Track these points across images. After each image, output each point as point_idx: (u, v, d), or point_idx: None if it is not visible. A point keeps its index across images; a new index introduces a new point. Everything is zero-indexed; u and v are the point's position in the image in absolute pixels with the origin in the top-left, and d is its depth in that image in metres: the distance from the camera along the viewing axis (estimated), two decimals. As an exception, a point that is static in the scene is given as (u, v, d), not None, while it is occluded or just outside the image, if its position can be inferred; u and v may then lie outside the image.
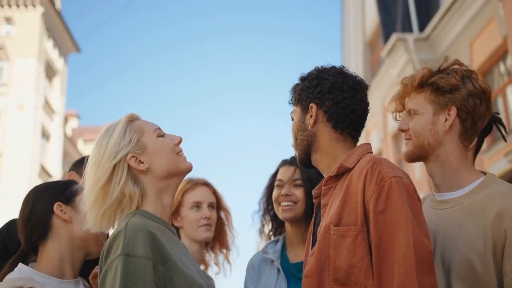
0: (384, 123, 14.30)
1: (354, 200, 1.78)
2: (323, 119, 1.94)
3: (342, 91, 1.94)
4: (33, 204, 2.02)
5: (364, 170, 1.79)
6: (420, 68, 2.08)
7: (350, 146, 1.96)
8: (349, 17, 18.55)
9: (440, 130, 1.99)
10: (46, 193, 2.04)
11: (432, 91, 2.01)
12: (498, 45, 9.50)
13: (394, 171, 1.78)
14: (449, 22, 10.81)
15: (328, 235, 1.79)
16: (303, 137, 1.97)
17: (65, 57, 28.38)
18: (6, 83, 24.12)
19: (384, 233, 1.70)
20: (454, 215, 1.92)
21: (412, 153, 2.04)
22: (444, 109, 1.99)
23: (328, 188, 1.91)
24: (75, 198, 2.04)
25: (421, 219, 1.74)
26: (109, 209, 1.82)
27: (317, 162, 1.98)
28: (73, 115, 37.77)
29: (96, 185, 1.82)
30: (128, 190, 1.82)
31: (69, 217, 2.00)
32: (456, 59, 2.10)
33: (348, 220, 1.77)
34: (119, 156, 1.84)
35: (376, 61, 15.89)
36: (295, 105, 2.04)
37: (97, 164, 1.85)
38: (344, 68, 2.02)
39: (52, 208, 2.00)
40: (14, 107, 23.80)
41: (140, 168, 1.86)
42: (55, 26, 26.36)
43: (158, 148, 1.89)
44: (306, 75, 2.03)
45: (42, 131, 25.25)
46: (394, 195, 1.72)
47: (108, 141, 1.87)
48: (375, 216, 1.72)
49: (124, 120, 1.92)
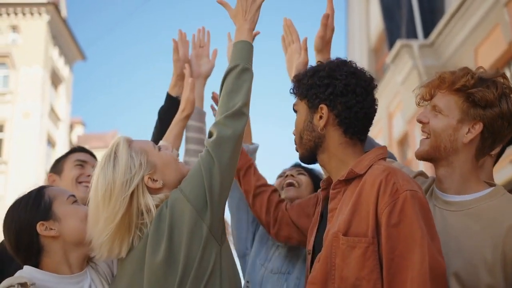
0: (389, 130, 14.27)
1: (366, 209, 1.73)
2: (334, 123, 1.88)
3: (355, 94, 1.86)
4: (17, 234, 1.97)
5: (378, 180, 1.74)
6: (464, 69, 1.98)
7: (359, 150, 1.91)
8: (354, 23, 18.54)
9: (460, 139, 1.93)
10: (24, 217, 1.97)
11: (465, 100, 1.93)
12: (504, 51, 9.47)
13: (410, 184, 1.73)
14: (454, 28, 10.79)
15: (336, 244, 1.75)
16: (310, 137, 1.91)
17: (70, 64, 28.47)
18: (12, 90, 24.20)
19: (397, 247, 1.67)
20: (461, 218, 1.89)
21: (426, 153, 1.99)
22: (470, 121, 1.92)
23: (337, 192, 1.86)
24: (52, 207, 1.98)
25: (435, 235, 1.71)
26: (136, 233, 1.84)
27: (324, 162, 1.93)
28: (78, 123, 37.84)
29: (115, 216, 1.81)
30: (152, 208, 1.84)
31: (56, 232, 1.96)
32: (504, 72, 2.02)
33: (358, 229, 1.72)
34: (135, 182, 1.84)
35: (381, 67, 15.87)
36: (300, 99, 1.95)
37: (109, 196, 1.82)
38: (355, 64, 1.94)
39: (36, 231, 1.95)
40: (19, 115, 23.87)
41: (157, 187, 1.88)
42: (61, 34, 26.46)
43: (166, 163, 1.92)
44: (315, 70, 1.93)
45: (48, 139, 25.29)
46: (408, 209, 1.68)
47: (114, 170, 1.84)
48: (388, 229, 1.68)
49: (124, 145, 1.90)
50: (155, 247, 1.81)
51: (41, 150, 24.22)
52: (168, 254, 1.79)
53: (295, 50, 2.42)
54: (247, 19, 2.09)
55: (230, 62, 2.02)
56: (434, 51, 11.59)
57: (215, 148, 1.86)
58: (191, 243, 1.80)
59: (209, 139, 1.89)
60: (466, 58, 10.37)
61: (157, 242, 1.81)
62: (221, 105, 1.94)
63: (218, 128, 1.88)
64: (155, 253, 1.80)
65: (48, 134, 25.16)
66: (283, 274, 2.38)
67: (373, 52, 17.28)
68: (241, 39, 2.05)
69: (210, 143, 1.87)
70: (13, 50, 24.46)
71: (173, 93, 2.58)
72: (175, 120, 2.39)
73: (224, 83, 1.98)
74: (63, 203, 2.01)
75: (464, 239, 1.85)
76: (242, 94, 1.94)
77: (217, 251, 1.83)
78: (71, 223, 1.97)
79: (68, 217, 1.98)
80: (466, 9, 10.22)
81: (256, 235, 2.55)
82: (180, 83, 2.57)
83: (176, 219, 1.81)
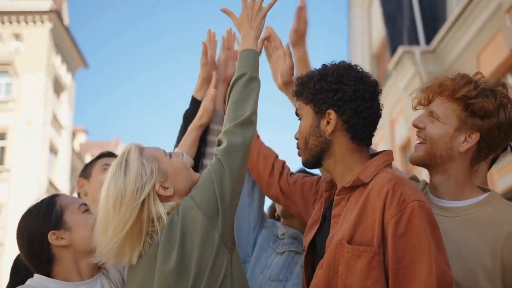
0: (391, 136, 14.27)
1: (371, 218, 1.72)
2: (342, 128, 1.86)
3: (363, 100, 1.85)
4: (29, 243, 1.98)
5: (385, 189, 1.72)
6: (465, 77, 1.96)
7: (365, 156, 1.90)
8: (356, 30, 18.58)
9: (456, 147, 1.92)
10: (36, 226, 1.98)
11: (464, 109, 1.91)
12: (506, 57, 9.48)
13: (417, 194, 1.73)
14: (456, 35, 10.80)
15: (340, 251, 1.74)
16: (317, 143, 1.89)
17: (73, 72, 28.55)
18: (15, 98, 24.27)
19: (404, 257, 1.66)
20: (458, 224, 1.88)
21: (420, 159, 1.98)
22: (467, 130, 1.91)
23: (341, 198, 1.84)
24: (63, 216, 1.99)
25: (442, 246, 1.70)
26: (146, 240, 1.83)
27: (329, 167, 1.92)
28: (81, 130, 37.92)
29: (124, 225, 1.81)
30: (163, 215, 1.84)
31: (66, 241, 1.97)
32: (504, 81, 2.01)
33: (362, 238, 1.72)
34: (146, 189, 1.83)
35: (383, 74, 15.88)
36: (306, 104, 1.93)
37: (119, 204, 1.81)
38: (361, 69, 1.92)
39: (48, 240, 1.96)
40: (22, 122, 23.93)
41: (168, 194, 1.87)
42: (63, 42, 26.56)
43: (178, 170, 1.92)
44: (322, 74, 1.90)
45: (50, 146, 25.33)
46: (416, 219, 1.67)
47: (125, 178, 1.84)
48: (395, 239, 1.67)
49: (136, 152, 1.89)
50: (166, 254, 1.80)
51: (44, 158, 24.25)
52: (180, 262, 1.78)
53: (279, 57, 2.43)
54: (253, 27, 2.09)
55: (237, 70, 2.04)
56: (436, 57, 11.60)
57: (226, 156, 1.87)
58: (203, 250, 1.79)
59: (219, 147, 1.90)
60: (468, 64, 10.37)
61: (169, 249, 1.80)
62: (230, 114, 1.95)
63: (227, 136, 1.90)
64: (166, 261, 1.79)
65: (50, 142, 25.19)
66: (280, 281, 2.37)
67: (375, 59, 17.30)
68: (247, 47, 2.06)
69: (220, 151, 1.88)
70: (15, 58, 24.55)
71: (198, 97, 2.55)
72: (190, 127, 2.38)
73: (231, 91, 2.00)
74: (74, 212, 2.01)
75: (462, 245, 1.84)
76: (250, 103, 1.95)
77: (228, 258, 1.83)
78: (82, 232, 1.97)
79: (78, 226, 1.98)
80: (468, 16, 10.24)
81: (256, 242, 2.55)
82: (205, 86, 2.54)
83: (188, 226, 1.81)
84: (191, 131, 2.36)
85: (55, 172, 26.15)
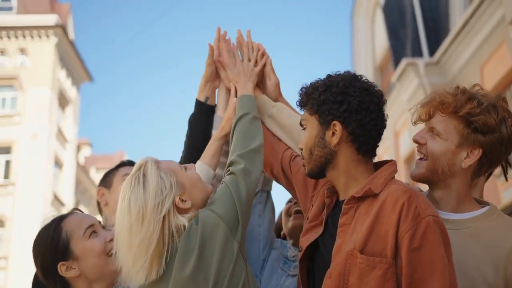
0: (396, 148, 14.25)
1: (385, 229, 1.72)
2: (347, 140, 1.86)
3: (369, 111, 1.85)
4: (42, 270, 2.02)
5: (400, 202, 1.73)
6: (467, 93, 1.95)
7: (370, 167, 1.90)
8: (359, 41, 18.63)
9: (458, 163, 1.92)
10: (45, 256, 1.99)
11: (466, 126, 1.90)
12: (509, 68, 9.47)
13: (431, 209, 1.74)
14: (459, 46, 10.81)
15: (351, 261, 1.73)
16: (322, 153, 1.89)
17: (78, 86, 28.70)
18: (20, 112, 24.39)
19: (417, 271, 1.66)
20: (459, 237, 1.88)
21: (422, 176, 1.97)
22: (469, 146, 1.91)
23: (349, 208, 1.83)
24: (70, 246, 1.99)
25: (452, 263, 1.71)
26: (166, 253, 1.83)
27: (333, 178, 1.92)
28: (85, 144, 38.02)
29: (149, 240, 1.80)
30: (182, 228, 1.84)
31: (76, 272, 1.98)
32: (504, 96, 2.00)
33: (374, 248, 1.72)
34: (167, 204, 1.83)
35: (387, 86, 15.90)
36: (310, 114, 1.92)
37: (141, 219, 1.81)
38: (366, 79, 1.92)
39: (59, 272, 1.98)
40: (27, 136, 24.02)
41: (186, 207, 1.88)
42: (68, 56, 26.73)
43: (194, 183, 1.93)
44: (327, 85, 1.90)
45: (55, 160, 25.40)
46: (431, 234, 1.68)
47: (145, 192, 1.83)
48: (409, 252, 1.68)
49: (153, 166, 1.89)
50: (183, 262, 1.80)
51: (49, 171, 24.31)
52: (198, 269, 1.79)
53: (265, 75, 2.46)
54: (249, 79, 2.33)
55: (239, 110, 2.17)
56: (439, 69, 11.61)
57: (244, 176, 1.95)
58: (223, 259, 1.80)
59: (235, 167, 1.97)
60: (471, 76, 10.37)
61: (186, 257, 1.81)
62: (239, 144, 2.04)
63: (243, 159, 1.99)
64: (182, 268, 1.80)
65: (55, 155, 25.26)
66: None
67: (378, 71, 17.34)
68: (247, 93, 2.25)
69: (238, 171, 1.95)
70: (21, 72, 24.70)
71: (202, 98, 2.55)
72: (213, 138, 2.36)
73: (237, 126, 2.11)
74: (79, 239, 2.00)
75: (464, 258, 1.84)
76: (259, 137, 2.09)
77: (246, 271, 1.85)
78: (90, 260, 1.97)
79: (85, 255, 1.98)
80: (471, 27, 10.25)
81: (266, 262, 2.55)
82: (209, 85, 2.55)
83: (208, 235, 1.82)
84: (212, 142, 2.34)
85: (60, 185, 26.19)
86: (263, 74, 2.44)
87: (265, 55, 2.41)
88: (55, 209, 23.98)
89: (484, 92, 1.98)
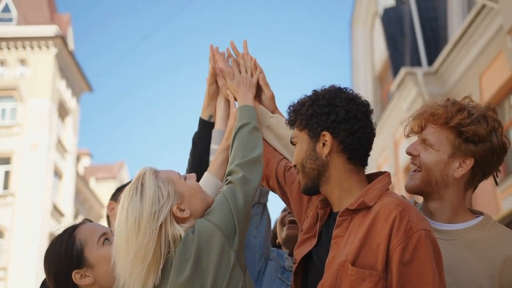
0: (395, 157, 14.25)
1: (376, 242, 1.73)
2: (338, 149, 1.87)
3: (357, 119, 1.87)
4: (55, 279, 2.02)
5: (392, 215, 1.73)
6: (457, 105, 1.99)
7: (363, 178, 1.92)
8: (358, 51, 18.71)
9: (451, 174, 1.95)
10: (59, 265, 2.01)
11: (458, 136, 1.94)
12: (508, 78, 9.52)
13: (423, 223, 1.74)
14: (458, 56, 10.86)
15: (342, 273, 1.74)
16: (314, 166, 1.90)
17: (77, 96, 28.77)
18: (20, 123, 24.44)
19: (407, 285, 1.67)
20: (454, 248, 1.89)
21: (417, 187, 1.99)
22: (461, 155, 1.94)
23: (343, 220, 1.84)
24: (84, 253, 2.01)
25: (443, 277, 1.71)
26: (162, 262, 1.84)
27: (327, 192, 1.92)
28: (85, 154, 38.03)
29: (145, 249, 1.81)
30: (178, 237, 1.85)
31: (91, 279, 2.00)
32: (494, 107, 2.04)
33: (366, 261, 1.72)
34: (164, 212, 1.84)
35: (386, 95, 15.94)
36: (300, 130, 1.95)
37: (137, 228, 1.82)
38: (351, 90, 1.95)
39: (73, 280, 1.99)
40: (27, 147, 24.05)
41: (184, 216, 1.89)
42: (68, 66, 26.81)
43: (193, 192, 1.94)
44: (313, 99, 1.93)
45: (55, 170, 25.41)
46: (422, 249, 1.69)
47: (141, 201, 1.85)
48: (399, 266, 1.68)
49: (151, 176, 1.91)
50: (179, 271, 1.81)
51: (48, 182, 24.31)
52: (194, 276, 1.80)
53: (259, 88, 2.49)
54: (249, 90, 2.36)
55: (239, 120, 2.19)
56: (438, 79, 11.66)
57: (242, 185, 1.95)
58: (219, 268, 1.81)
59: (234, 176, 1.98)
60: (470, 85, 10.41)
61: (182, 265, 1.81)
62: (238, 154, 2.06)
63: (242, 168, 2.00)
64: (179, 276, 1.81)
65: (55, 166, 25.28)
66: None
67: (377, 80, 17.38)
68: (248, 104, 2.27)
69: (237, 180, 1.97)
70: (20, 83, 24.78)
71: (205, 116, 2.57)
72: (219, 149, 2.38)
73: (237, 136, 2.12)
74: (94, 247, 2.02)
75: (459, 269, 1.85)
76: (259, 148, 2.11)
77: (243, 279, 1.86)
78: (105, 267, 1.98)
79: (100, 263, 2.00)
80: (470, 37, 10.30)
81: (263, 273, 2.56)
82: (212, 103, 2.57)
83: (204, 244, 1.83)
84: (219, 153, 2.36)
85: (60, 196, 26.19)
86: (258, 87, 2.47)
87: (258, 67, 2.43)
88: (54, 220, 23.97)
89: (475, 103, 2.02)
